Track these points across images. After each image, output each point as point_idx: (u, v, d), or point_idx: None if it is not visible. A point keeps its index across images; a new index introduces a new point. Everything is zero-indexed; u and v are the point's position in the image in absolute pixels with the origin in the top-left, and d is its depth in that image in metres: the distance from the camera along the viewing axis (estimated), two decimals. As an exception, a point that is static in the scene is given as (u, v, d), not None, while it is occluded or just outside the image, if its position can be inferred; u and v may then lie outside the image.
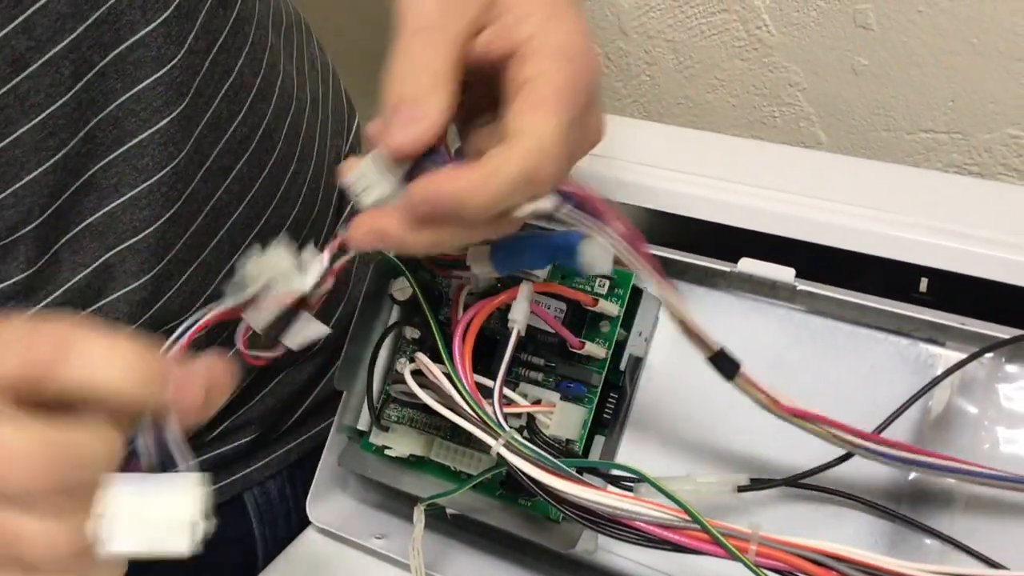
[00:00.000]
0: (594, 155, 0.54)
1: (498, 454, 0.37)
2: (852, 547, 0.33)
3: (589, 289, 0.45)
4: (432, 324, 0.44)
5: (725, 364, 0.37)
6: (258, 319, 0.38)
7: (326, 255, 0.38)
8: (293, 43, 0.59)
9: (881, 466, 0.42)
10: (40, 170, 0.46)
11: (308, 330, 0.38)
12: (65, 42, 0.44)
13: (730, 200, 0.49)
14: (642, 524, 0.34)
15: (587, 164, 0.54)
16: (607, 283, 0.45)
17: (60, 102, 0.45)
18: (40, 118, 0.45)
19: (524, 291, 0.42)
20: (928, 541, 0.40)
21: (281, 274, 0.38)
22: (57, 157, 0.46)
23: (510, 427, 0.38)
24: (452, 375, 0.39)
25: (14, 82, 0.43)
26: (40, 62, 0.43)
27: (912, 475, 0.41)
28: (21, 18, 0.42)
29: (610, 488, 0.43)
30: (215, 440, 0.59)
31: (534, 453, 0.36)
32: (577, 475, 0.36)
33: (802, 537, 0.33)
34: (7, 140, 0.44)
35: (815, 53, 0.76)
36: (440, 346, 0.42)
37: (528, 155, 0.33)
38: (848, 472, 0.42)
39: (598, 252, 0.37)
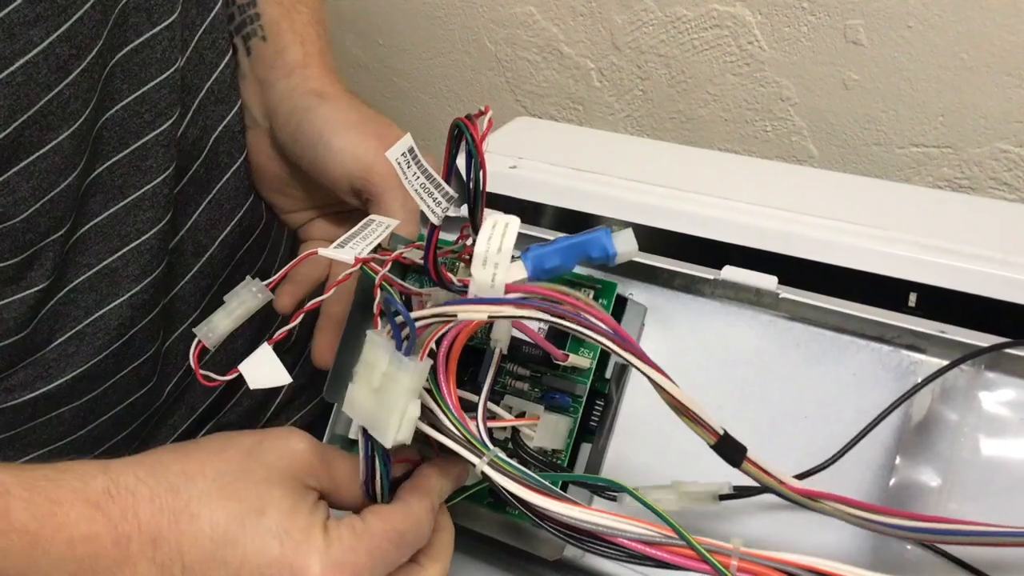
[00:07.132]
0: (587, 172, 0.55)
1: (482, 472, 0.37)
2: (834, 557, 0.33)
3: (574, 299, 0.45)
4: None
5: (730, 449, 0.36)
6: (210, 334, 0.38)
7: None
8: None
9: (863, 472, 0.43)
10: (74, 175, 0.45)
11: (268, 369, 0.37)
12: (97, 48, 0.44)
13: (722, 216, 0.50)
14: (624, 541, 0.34)
15: (577, 181, 0.55)
16: (591, 293, 0.45)
17: (90, 106, 0.45)
18: (78, 124, 0.44)
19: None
20: (910, 547, 0.41)
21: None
22: (84, 162, 0.46)
23: (495, 440, 0.38)
24: (435, 395, 0.38)
25: (57, 89, 0.43)
26: (79, 69, 0.43)
27: (893, 481, 0.42)
28: (65, 26, 0.42)
29: (595, 500, 0.44)
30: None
31: (518, 471, 0.36)
32: (560, 492, 0.36)
33: (784, 552, 0.33)
34: (48, 146, 0.44)
35: (806, 68, 0.77)
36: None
37: None
38: (830, 479, 0.42)
39: (628, 239, 0.36)
